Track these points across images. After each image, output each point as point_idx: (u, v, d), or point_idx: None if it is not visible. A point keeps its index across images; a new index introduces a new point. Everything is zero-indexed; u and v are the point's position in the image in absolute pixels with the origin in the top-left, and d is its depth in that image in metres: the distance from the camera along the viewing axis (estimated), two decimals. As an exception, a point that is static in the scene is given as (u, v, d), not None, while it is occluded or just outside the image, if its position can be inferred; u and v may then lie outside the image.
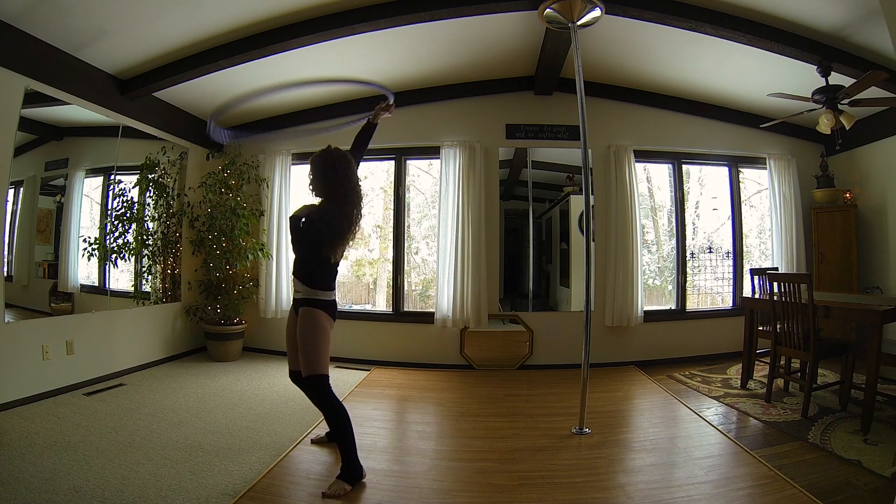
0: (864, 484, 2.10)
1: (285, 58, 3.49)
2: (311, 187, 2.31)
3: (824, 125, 3.34)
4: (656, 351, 4.50)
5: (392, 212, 4.74)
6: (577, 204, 4.67)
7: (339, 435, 2.18)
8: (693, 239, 5.02)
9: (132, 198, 3.98)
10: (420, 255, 5.05)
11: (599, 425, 2.89)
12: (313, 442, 2.63)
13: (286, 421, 2.91)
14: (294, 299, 2.36)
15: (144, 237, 4.12)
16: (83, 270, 3.62)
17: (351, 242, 2.31)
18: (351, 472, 2.15)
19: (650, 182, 5.17)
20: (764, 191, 5.01)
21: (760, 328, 3.69)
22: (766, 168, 4.81)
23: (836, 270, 4.54)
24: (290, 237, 2.44)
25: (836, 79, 3.30)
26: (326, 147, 2.33)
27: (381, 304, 5.07)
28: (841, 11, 2.96)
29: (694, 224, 5.09)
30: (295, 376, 2.45)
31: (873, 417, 2.72)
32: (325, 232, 2.21)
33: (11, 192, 3.08)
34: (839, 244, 4.54)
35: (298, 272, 2.30)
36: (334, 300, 2.31)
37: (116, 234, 3.86)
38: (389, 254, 4.77)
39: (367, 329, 4.53)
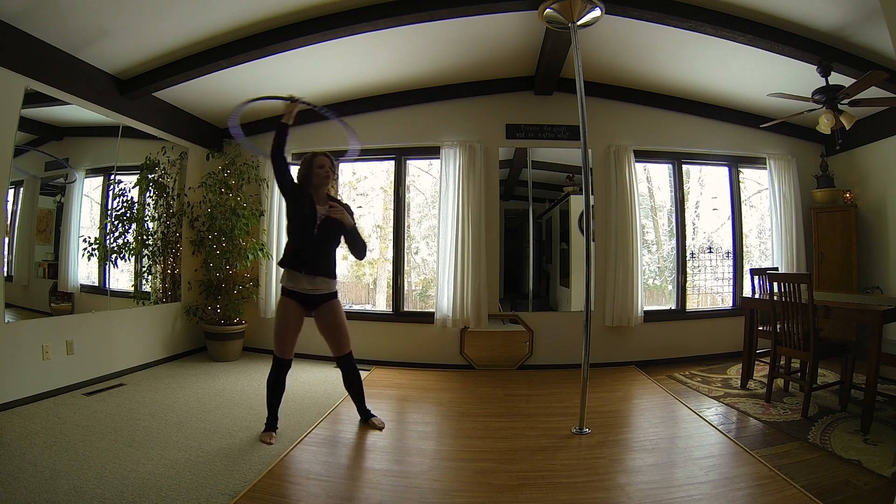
0: (864, 484, 2.10)
1: (285, 58, 3.49)
2: (332, 186, 2.85)
3: (824, 125, 3.34)
4: (656, 351, 4.50)
5: (392, 212, 4.73)
6: (577, 204, 4.67)
7: (359, 389, 2.87)
8: (693, 239, 5.02)
9: (132, 198, 3.98)
10: (420, 255, 5.05)
11: (599, 425, 2.89)
12: (263, 442, 2.57)
13: (286, 421, 2.90)
14: (310, 296, 2.65)
15: (144, 237, 4.12)
16: (83, 270, 3.62)
17: None
18: (368, 412, 2.91)
19: (650, 182, 5.16)
20: (764, 191, 5.01)
21: (760, 328, 3.69)
22: (766, 168, 4.80)
23: (836, 270, 4.54)
24: (324, 237, 2.68)
25: (836, 79, 3.30)
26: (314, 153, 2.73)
27: (381, 304, 5.07)
28: (841, 11, 2.96)
29: (694, 224, 5.09)
30: (286, 365, 2.71)
31: (873, 417, 2.72)
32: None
33: (11, 192, 3.08)
34: (839, 244, 4.53)
35: (325, 270, 2.66)
36: None
37: (116, 234, 3.86)
38: (389, 254, 4.77)
39: (367, 329, 4.52)
